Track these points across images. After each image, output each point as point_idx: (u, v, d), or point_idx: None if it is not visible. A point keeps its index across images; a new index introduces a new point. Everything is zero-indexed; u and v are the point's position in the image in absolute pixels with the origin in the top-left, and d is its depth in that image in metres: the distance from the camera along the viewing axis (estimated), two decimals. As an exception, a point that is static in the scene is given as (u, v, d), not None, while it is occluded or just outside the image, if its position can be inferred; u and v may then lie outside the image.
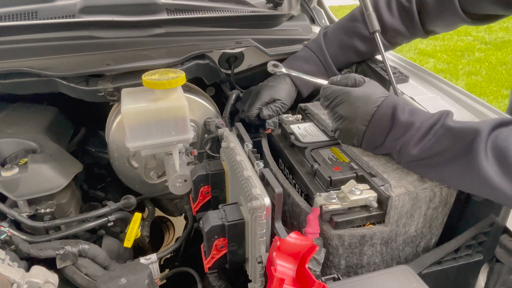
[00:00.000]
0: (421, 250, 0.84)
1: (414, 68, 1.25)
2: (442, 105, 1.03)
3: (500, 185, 0.64)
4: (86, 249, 0.94)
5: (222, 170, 0.95)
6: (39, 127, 1.09)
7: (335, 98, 0.85)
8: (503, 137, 0.65)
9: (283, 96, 1.06)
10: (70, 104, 1.18)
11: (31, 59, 1.06)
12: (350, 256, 0.76)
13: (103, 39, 1.15)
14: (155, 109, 0.87)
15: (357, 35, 1.10)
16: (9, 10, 1.10)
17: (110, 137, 1.08)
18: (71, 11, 1.13)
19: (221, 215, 0.79)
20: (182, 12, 1.21)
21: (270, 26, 1.34)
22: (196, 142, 1.16)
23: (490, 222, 0.80)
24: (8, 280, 0.75)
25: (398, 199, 0.73)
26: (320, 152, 0.90)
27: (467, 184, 0.70)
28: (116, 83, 1.02)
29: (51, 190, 0.97)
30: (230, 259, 0.83)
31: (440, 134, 0.72)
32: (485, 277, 0.85)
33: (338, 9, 6.37)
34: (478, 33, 5.87)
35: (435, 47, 5.50)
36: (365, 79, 0.86)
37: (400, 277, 0.70)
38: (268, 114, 1.03)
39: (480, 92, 4.14)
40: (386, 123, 0.79)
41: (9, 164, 0.95)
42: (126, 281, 0.84)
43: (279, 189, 0.71)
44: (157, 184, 1.19)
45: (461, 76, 4.55)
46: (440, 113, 0.75)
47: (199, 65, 1.11)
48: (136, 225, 1.06)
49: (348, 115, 0.83)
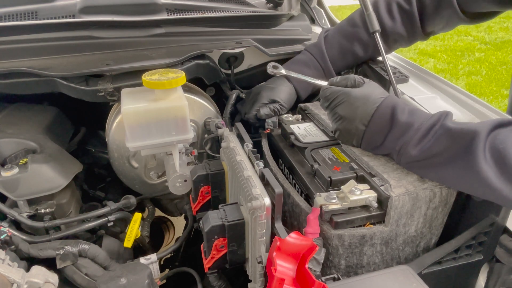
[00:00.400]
0: (421, 250, 0.84)
1: (414, 68, 1.25)
2: (442, 105, 1.03)
3: (498, 186, 0.64)
4: (86, 249, 0.94)
5: (222, 170, 0.95)
6: (39, 127, 1.09)
7: (335, 98, 0.85)
8: (502, 138, 0.65)
9: (282, 98, 1.06)
10: (70, 104, 1.18)
11: (31, 59, 1.06)
12: (350, 256, 0.76)
13: (103, 39, 1.15)
14: (155, 109, 0.87)
15: (357, 40, 1.10)
16: (9, 10, 1.10)
17: (110, 137, 1.08)
18: (71, 11, 1.13)
19: (221, 215, 0.79)
20: (182, 12, 1.21)
21: (270, 26, 1.34)
22: (196, 142, 1.16)
23: (490, 222, 0.80)
24: (8, 280, 0.75)
25: (398, 199, 0.73)
26: (320, 152, 0.90)
27: (466, 185, 0.71)
28: (116, 83, 1.02)
29: (51, 190, 0.97)
30: (230, 259, 0.83)
31: (440, 134, 0.72)
32: (485, 277, 0.85)
33: (338, 9, 6.38)
34: (478, 33, 5.87)
35: (435, 47, 5.50)
36: (365, 80, 0.86)
37: (400, 277, 0.70)
38: (265, 113, 1.03)
39: (480, 92, 4.14)
40: (386, 124, 0.79)
41: (9, 164, 0.95)
42: (126, 281, 0.84)
43: (279, 189, 0.71)
44: (157, 184, 1.19)
45: (461, 76, 4.56)
46: (439, 114, 0.75)
47: (199, 65, 1.11)
48: (136, 225, 1.06)
49: (347, 115, 0.83)
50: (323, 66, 1.11)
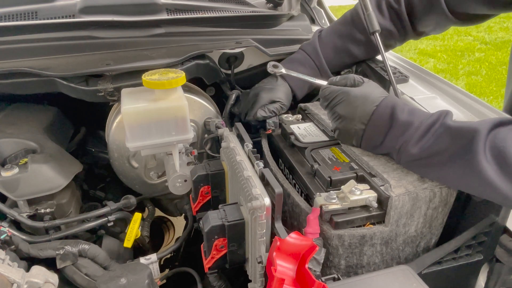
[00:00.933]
0: (421, 250, 0.84)
1: (414, 68, 1.25)
2: (442, 105, 1.03)
3: (498, 184, 0.64)
4: (86, 249, 0.94)
5: (222, 170, 0.95)
6: (39, 127, 1.09)
7: (334, 98, 0.85)
8: (502, 136, 0.65)
9: (282, 97, 1.06)
10: (70, 104, 1.18)
11: (31, 59, 1.06)
12: (350, 256, 0.76)
13: (103, 39, 1.15)
14: (155, 109, 0.87)
15: (350, 39, 1.10)
16: (9, 10, 1.11)
17: (110, 137, 1.08)
18: (71, 11, 1.13)
19: (221, 215, 0.79)
20: (182, 12, 1.21)
21: (270, 26, 1.34)
22: (196, 142, 1.16)
23: (490, 222, 0.80)
24: (8, 280, 0.75)
25: (398, 199, 0.73)
26: (320, 152, 0.90)
27: (467, 184, 0.70)
28: (116, 83, 1.02)
29: (51, 190, 0.97)
30: (230, 259, 0.83)
31: (440, 133, 0.72)
32: (485, 277, 0.85)
33: (338, 9, 6.37)
34: (478, 33, 5.87)
35: (435, 47, 5.50)
36: (364, 80, 0.86)
37: (400, 277, 0.70)
38: (263, 116, 1.03)
39: (480, 92, 4.14)
40: (385, 123, 0.79)
41: (9, 164, 0.96)
42: (126, 281, 0.84)
43: (279, 189, 0.71)
44: (157, 184, 1.19)
45: (461, 76, 4.56)
46: (439, 113, 0.75)
47: (199, 65, 1.11)
48: (136, 225, 1.06)
49: (346, 114, 0.83)
50: (318, 65, 1.11)
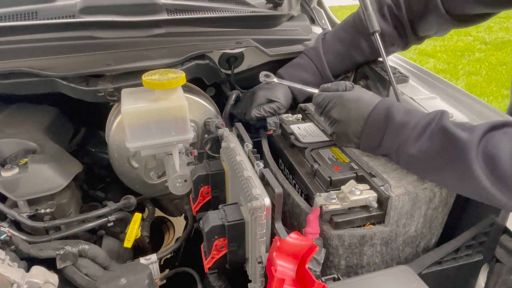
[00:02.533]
0: (421, 250, 0.84)
1: (414, 68, 1.25)
2: (442, 106, 1.03)
3: (492, 191, 0.65)
4: (86, 249, 0.94)
5: (222, 170, 0.95)
6: (39, 127, 1.09)
7: (328, 103, 0.86)
8: (494, 142, 0.65)
9: (280, 97, 1.06)
10: (70, 104, 1.18)
11: (31, 59, 1.06)
12: (350, 256, 0.76)
13: (103, 39, 1.15)
14: (155, 109, 0.87)
15: (353, 46, 1.10)
16: (9, 10, 1.10)
17: (110, 137, 1.08)
18: (71, 11, 1.13)
19: (221, 215, 0.79)
20: (182, 12, 1.21)
21: (270, 26, 1.34)
22: (196, 142, 1.16)
23: (490, 222, 0.80)
24: (8, 280, 0.75)
25: (398, 199, 0.73)
26: (320, 152, 0.90)
27: (463, 188, 0.71)
28: (116, 83, 1.02)
29: (51, 190, 0.97)
30: (230, 259, 0.83)
31: (436, 133, 0.72)
32: (485, 277, 0.85)
33: (338, 9, 6.37)
34: (478, 33, 5.87)
35: (435, 47, 5.50)
36: (355, 86, 0.88)
37: (400, 277, 0.70)
38: (256, 115, 1.02)
39: (480, 92, 4.14)
40: (381, 124, 0.80)
41: (9, 164, 0.96)
42: (126, 281, 0.84)
43: (279, 189, 0.71)
44: (157, 184, 1.19)
45: (461, 76, 4.55)
46: (435, 113, 0.75)
47: (199, 65, 1.11)
48: (136, 225, 1.06)
49: (342, 118, 0.84)
50: (320, 70, 1.11)
